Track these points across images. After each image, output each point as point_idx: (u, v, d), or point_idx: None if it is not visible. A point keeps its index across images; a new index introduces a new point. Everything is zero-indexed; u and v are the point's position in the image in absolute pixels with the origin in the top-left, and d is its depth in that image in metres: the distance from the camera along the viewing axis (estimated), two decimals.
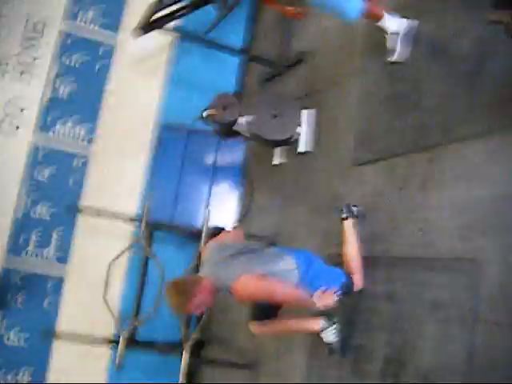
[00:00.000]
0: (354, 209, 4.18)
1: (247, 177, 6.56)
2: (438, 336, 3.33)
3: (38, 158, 6.18)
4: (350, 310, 4.11)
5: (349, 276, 3.83)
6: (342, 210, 4.19)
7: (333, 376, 4.22)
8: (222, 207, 6.51)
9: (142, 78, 6.71)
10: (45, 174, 6.11)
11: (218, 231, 5.20)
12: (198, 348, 5.93)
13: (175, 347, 5.65)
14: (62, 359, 6.15)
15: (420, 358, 3.42)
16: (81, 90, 6.47)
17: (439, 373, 3.27)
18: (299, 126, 5.34)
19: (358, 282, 3.87)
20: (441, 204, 3.57)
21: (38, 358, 6.11)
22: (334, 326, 4.04)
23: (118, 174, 6.41)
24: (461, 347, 3.18)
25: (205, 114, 5.43)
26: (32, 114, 6.24)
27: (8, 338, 6.00)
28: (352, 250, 4.02)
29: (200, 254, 4.62)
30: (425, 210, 3.68)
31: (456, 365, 3.17)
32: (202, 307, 3.45)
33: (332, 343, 4.05)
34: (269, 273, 3.48)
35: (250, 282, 3.36)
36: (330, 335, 4.05)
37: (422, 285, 3.55)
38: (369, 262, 4.05)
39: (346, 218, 4.15)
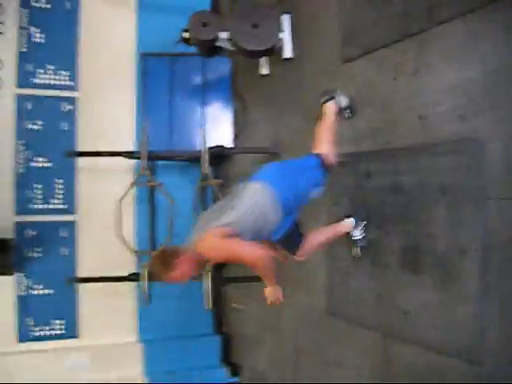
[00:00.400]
0: (339, 97, 4.05)
1: (237, 92, 6.49)
2: (451, 219, 3.39)
3: (26, 109, 6.08)
4: (363, 206, 4.19)
5: (319, 156, 3.66)
6: (323, 93, 4.06)
7: (354, 273, 4.34)
8: (218, 126, 6.48)
9: (113, 11, 6.49)
10: (37, 124, 6.04)
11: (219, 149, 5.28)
12: (218, 269, 6.06)
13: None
14: (90, 304, 6.33)
15: (436, 244, 3.49)
16: (54, 36, 6.30)
17: (457, 256, 3.34)
18: (281, 32, 5.24)
19: (329, 156, 3.67)
20: (436, 88, 3.55)
21: (66, 308, 6.27)
22: (363, 222, 4.13)
23: (109, 113, 6.34)
24: (474, 227, 3.24)
25: (184, 36, 5.34)
26: (11, 67, 6.10)
27: (35, 294, 6.13)
28: (323, 126, 3.87)
29: None
30: (421, 97, 3.66)
31: (472, 245, 3.25)
32: (183, 278, 3.26)
33: (361, 239, 4.15)
34: (243, 216, 3.24)
35: (210, 241, 3.16)
36: (359, 232, 4.14)
37: (428, 171, 3.58)
38: (373, 156, 4.08)
39: (325, 102, 4.02)
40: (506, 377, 3.08)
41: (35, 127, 6.03)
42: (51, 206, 6.15)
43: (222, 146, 5.69)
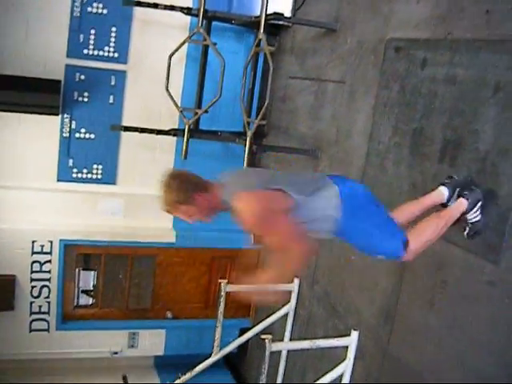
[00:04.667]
0: (476, 206, 3.33)
1: None
2: (498, 119, 3.35)
3: None
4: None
5: (406, 239, 3.01)
6: (451, 179, 3.47)
7: (392, 158, 4.36)
8: None
9: None
10: None
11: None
12: (260, 136, 6.13)
13: (238, 135, 5.88)
14: (130, 154, 6.51)
15: (479, 141, 3.47)
16: None
17: (497, 156, 3.33)
18: None
19: (409, 255, 3.05)
20: None
21: (107, 154, 6.46)
22: (479, 203, 3.32)
23: None
24: None
25: None
26: None
27: (77, 137, 6.29)
28: (435, 220, 3.20)
29: None
30: None
31: None
32: (191, 218, 2.80)
33: (477, 222, 3.38)
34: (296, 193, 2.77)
35: (259, 195, 2.65)
36: (475, 214, 3.35)
37: (485, 68, 3.50)
38: (431, 45, 4.00)
39: (460, 196, 3.37)
40: None
41: None
42: (103, 53, 6.14)
43: (281, 14, 5.59)
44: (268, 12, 5.38)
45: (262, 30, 5.34)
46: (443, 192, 3.44)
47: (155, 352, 7.11)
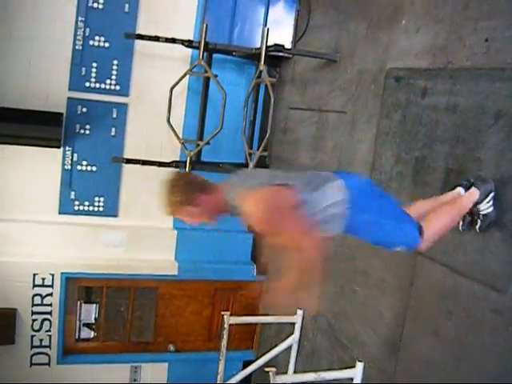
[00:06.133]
0: (488, 196, 3.28)
1: None
2: (500, 147, 3.34)
3: None
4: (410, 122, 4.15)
5: (417, 225, 2.99)
6: (468, 181, 3.36)
7: (393, 187, 4.35)
8: (279, 27, 6.35)
9: None
10: (99, 2, 6.00)
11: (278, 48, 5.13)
12: (262, 168, 6.13)
13: (240, 166, 5.88)
14: (131, 186, 6.52)
15: (481, 169, 3.46)
16: None
17: (500, 185, 3.31)
18: None
19: (424, 243, 3.00)
20: (509, 10, 3.42)
21: (108, 187, 6.46)
22: (491, 194, 3.27)
23: (172, 0, 6.26)
24: None
25: None
26: None
27: (79, 170, 6.29)
28: (449, 208, 3.21)
29: None
30: (492, 19, 3.53)
31: None
32: (194, 220, 2.75)
33: (489, 213, 3.30)
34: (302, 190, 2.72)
35: (266, 192, 2.59)
36: (487, 205, 3.29)
37: (486, 95, 3.50)
38: (431, 74, 4.01)
39: (470, 186, 3.32)
40: None
41: (96, 5, 5.99)
42: (105, 86, 6.19)
43: (281, 45, 5.64)
44: (268, 43, 5.43)
45: (262, 62, 5.38)
46: (460, 192, 3.35)
47: None
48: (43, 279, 6.13)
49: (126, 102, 6.31)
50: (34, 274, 6.09)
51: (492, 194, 3.26)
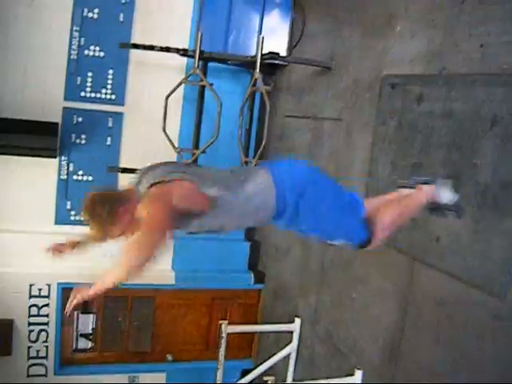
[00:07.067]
0: (442, 188, 3.32)
1: (298, 2, 6.35)
2: (497, 152, 3.35)
3: None
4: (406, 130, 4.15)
5: (371, 218, 2.90)
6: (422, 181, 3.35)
7: None
8: (274, 35, 6.35)
9: None
10: (94, 12, 6.00)
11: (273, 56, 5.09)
12: None
13: None
14: None
15: (478, 174, 3.45)
16: None
17: (498, 189, 3.31)
18: None
19: (380, 231, 2.89)
20: (503, 16, 3.43)
21: None
22: (448, 182, 3.34)
23: (167, 9, 6.24)
24: None
25: None
26: None
27: (75, 179, 6.27)
28: (403, 202, 3.19)
29: None
30: (486, 25, 3.53)
31: None
32: (123, 234, 2.53)
33: (452, 202, 3.33)
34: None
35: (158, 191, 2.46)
36: (446, 194, 3.32)
37: (482, 101, 3.50)
38: (425, 80, 4.01)
39: (423, 183, 3.33)
40: None
41: (91, 15, 5.99)
42: (101, 96, 6.19)
43: (276, 53, 5.64)
44: (264, 52, 5.43)
45: (258, 70, 5.39)
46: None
47: None
48: (40, 290, 6.11)
49: (121, 111, 6.31)
50: (31, 285, 6.07)
51: (449, 184, 3.30)
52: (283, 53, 6.11)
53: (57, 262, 5.90)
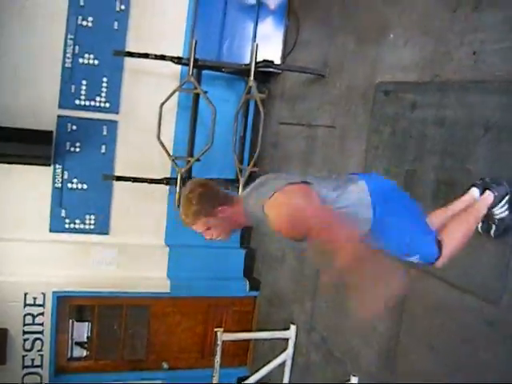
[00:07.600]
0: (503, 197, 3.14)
1: (292, 10, 6.38)
2: (490, 158, 3.37)
3: (79, 4, 5.96)
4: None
5: (437, 238, 2.82)
6: (483, 181, 3.20)
7: None
8: (268, 43, 6.36)
9: None
10: (88, 20, 6.00)
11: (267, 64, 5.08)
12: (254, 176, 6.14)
13: (231, 182, 5.89)
14: (122, 203, 6.48)
15: (472, 180, 3.44)
16: None
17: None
18: None
19: (442, 259, 2.83)
20: (496, 24, 3.46)
21: (99, 204, 6.42)
22: (507, 197, 3.12)
23: (161, 17, 6.24)
24: None
25: None
26: None
27: (69, 188, 6.27)
28: (464, 219, 3.01)
29: None
30: (479, 32, 3.56)
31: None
32: (212, 233, 2.58)
33: (505, 218, 3.17)
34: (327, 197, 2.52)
35: (286, 196, 2.37)
36: (502, 208, 3.15)
37: (475, 108, 3.53)
38: (420, 88, 4.03)
39: (485, 189, 3.15)
40: None
41: (85, 23, 6.00)
42: (95, 104, 6.18)
43: (271, 61, 5.66)
44: (258, 59, 5.44)
45: (252, 78, 5.41)
46: (474, 193, 3.18)
47: None
48: (34, 298, 6.07)
49: (116, 119, 6.30)
50: (25, 294, 6.03)
51: (507, 197, 3.11)
52: (277, 60, 6.13)
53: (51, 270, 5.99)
